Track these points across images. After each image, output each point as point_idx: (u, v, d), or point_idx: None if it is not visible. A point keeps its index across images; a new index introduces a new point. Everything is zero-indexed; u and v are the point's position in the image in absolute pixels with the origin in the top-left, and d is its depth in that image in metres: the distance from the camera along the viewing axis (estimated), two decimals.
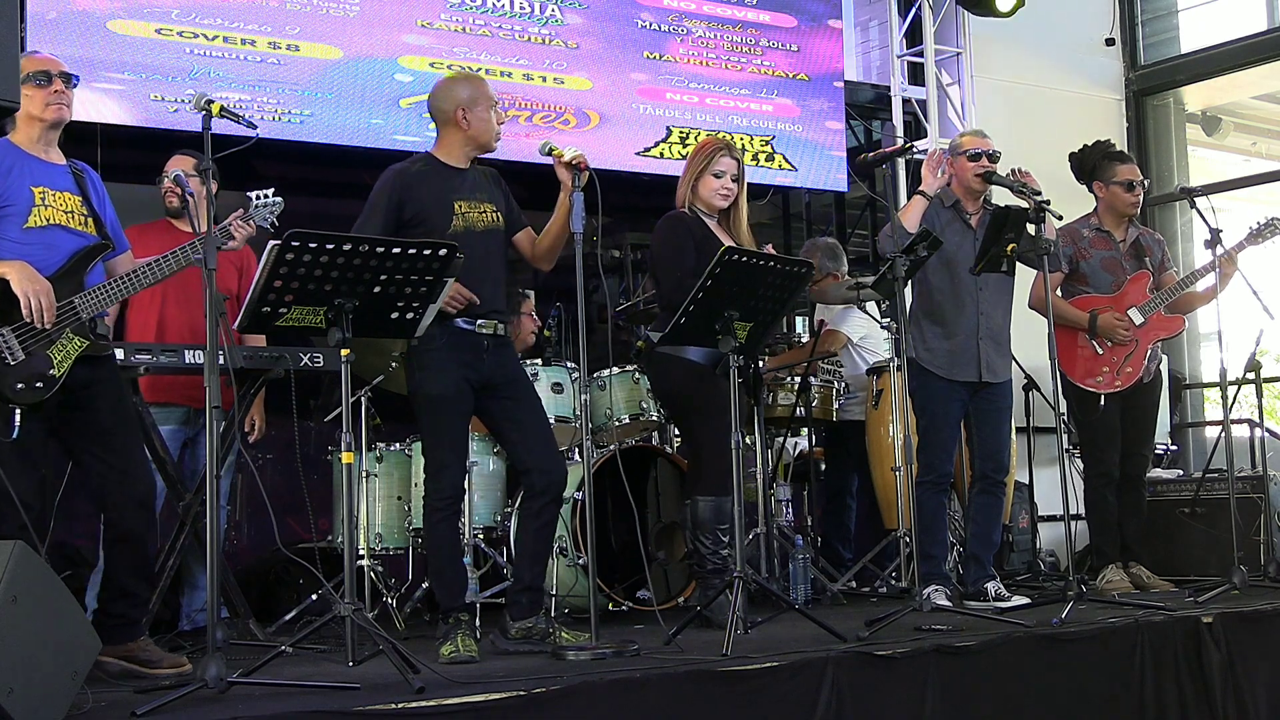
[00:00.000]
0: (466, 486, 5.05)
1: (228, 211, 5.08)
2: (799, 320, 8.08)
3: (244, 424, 5.05)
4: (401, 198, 4.06)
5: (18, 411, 3.60)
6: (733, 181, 4.86)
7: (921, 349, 5.12)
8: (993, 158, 5.17)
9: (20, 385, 3.60)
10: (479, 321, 4.08)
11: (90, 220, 3.84)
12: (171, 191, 4.93)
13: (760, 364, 5.44)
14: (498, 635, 4.11)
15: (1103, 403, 5.57)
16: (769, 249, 4.78)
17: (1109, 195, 5.73)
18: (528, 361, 5.24)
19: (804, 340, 6.44)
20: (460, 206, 4.11)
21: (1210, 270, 5.51)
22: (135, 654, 3.78)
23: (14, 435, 3.58)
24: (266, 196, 4.11)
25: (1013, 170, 4.96)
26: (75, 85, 3.88)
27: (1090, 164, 5.80)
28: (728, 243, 4.79)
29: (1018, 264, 5.08)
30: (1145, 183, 5.83)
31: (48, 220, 3.74)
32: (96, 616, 3.84)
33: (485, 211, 4.18)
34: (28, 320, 3.58)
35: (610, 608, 5.08)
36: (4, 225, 3.70)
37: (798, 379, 6.14)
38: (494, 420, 4.22)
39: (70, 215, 3.79)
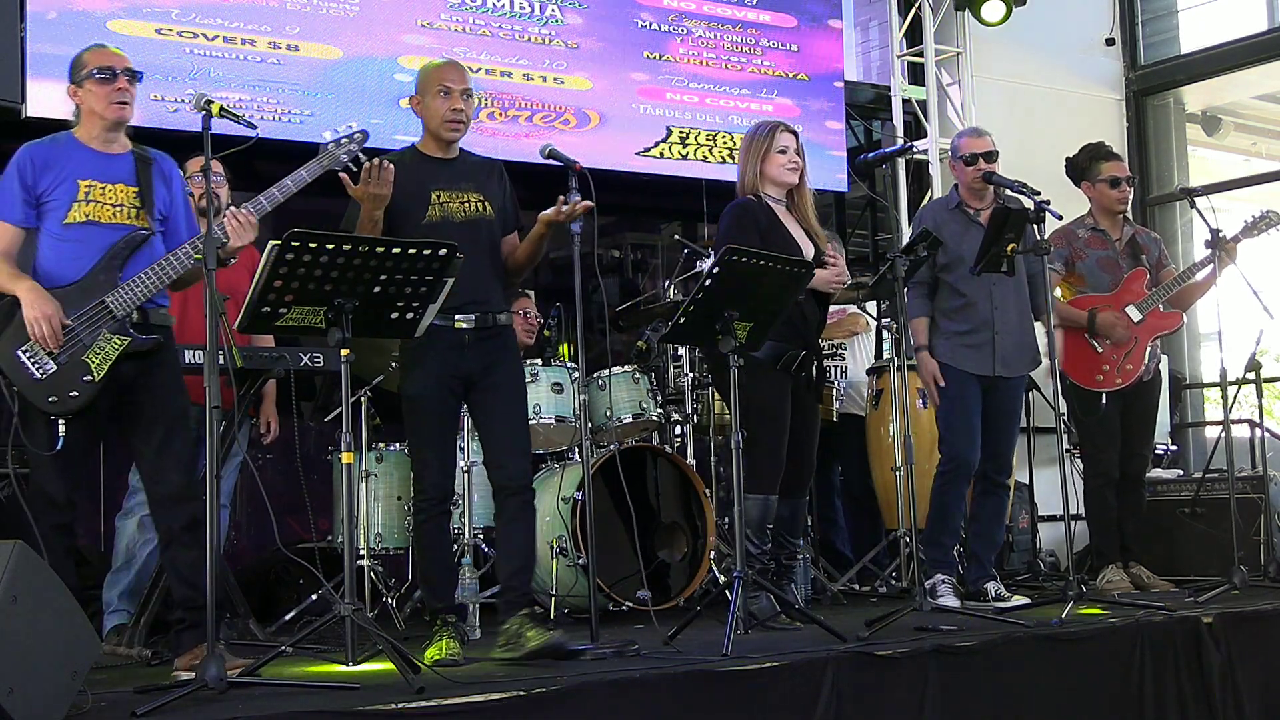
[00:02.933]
0: (465, 487, 5.07)
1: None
2: None
3: (261, 426, 5.06)
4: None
5: (60, 423, 3.59)
6: (797, 155, 4.80)
7: (936, 341, 5.12)
8: (989, 158, 5.17)
9: (53, 398, 3.59)
10: (456, 316, 3.96)
11: (142, 213, 3.77)
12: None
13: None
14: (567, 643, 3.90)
15: (1104, 401, 5.57)
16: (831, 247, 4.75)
17: (1097, 194, 5.74)
18: (528, 361, 5.23)
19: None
20: (439, 196, 4.02)
21: (1207, 265, 5.52)
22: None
23: (58, 447, 3.58)
24: (348, 129, 3.95)
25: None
26: (140, 81, 3.83)
27: (1080, 166, 5.81)
28: (795, 230, 4.76)
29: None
30: (1133, 179, 5.83)
31: (86, 216, 3.70)
32: (171, 629, 3.85)
33: (469, 201, 4.07)
34: (37, 343, 3.56)
35: (610, 608, 5.07)
36: (46, 220, 3.71)
37: None
38: (473, 414, 4.18)
39: (118, 209, 3.74)
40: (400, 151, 4.14)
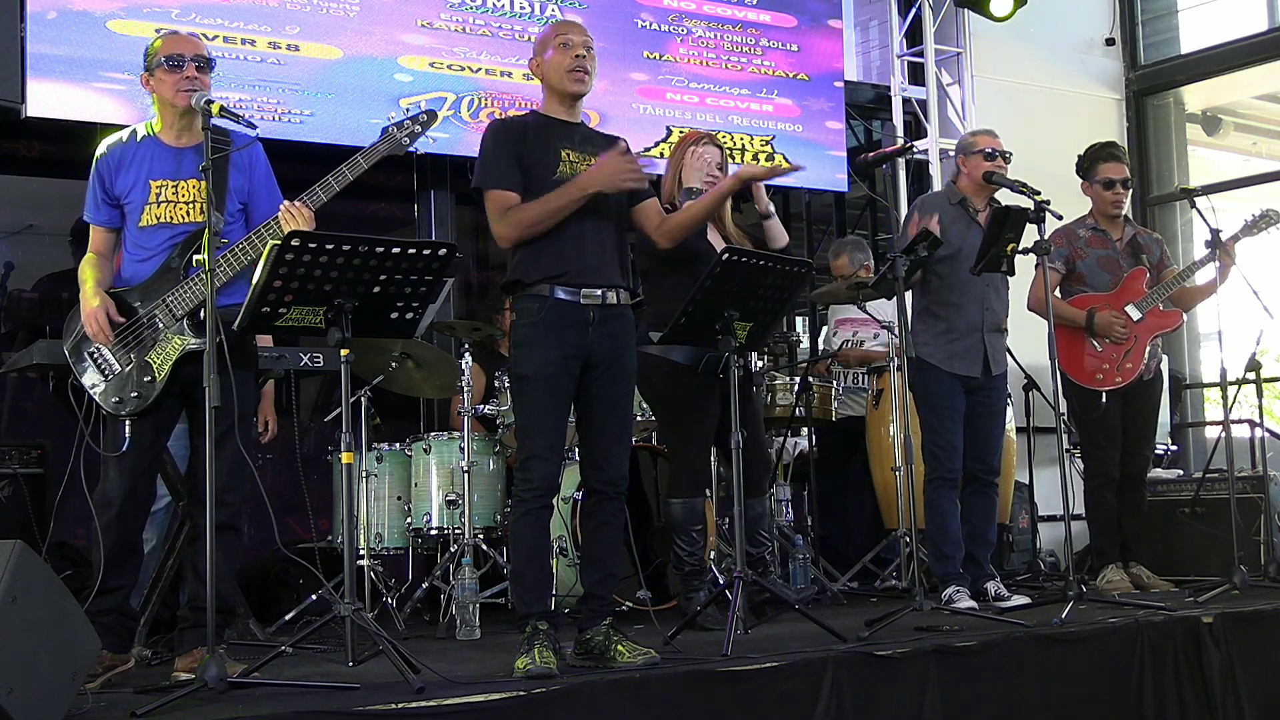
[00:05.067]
0: (465, 488, 5.07)
1: None
2: (799, 320, 8.10)
3: (259, 425, 5.04)
4: (517, 145, 3.75)
5: (127, 424, 3.62)
6: (718, 169, 4.88)
7: (925, 343, 5.12)
8: (1006, 158, 5.20)
9: (116, 399, 3.62)
10: (583, 291, 3.73)
11: (218, 204, 3.70)
12: None
13: (759, 364, 5.42)
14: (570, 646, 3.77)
15: (1104, 400, 5.56)
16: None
17: (1094, 194, 5.75)
18: None
19: (802, 341, 6.44)
20: (568, 155, 3.79)
21: (1207, 263, 5.52)
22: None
23: (124, 447, 3.61)
24: (416, 108, 3.95)
25: None
26: (213, 69, 3.81)
27: (1083, 166, 5.81)
28: (714, 239, 4.80)
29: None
30: (1129, 181, 5.81)
31: (158, 219, 3.72)
32: (179, 624, 3.81)
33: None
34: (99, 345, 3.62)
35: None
36: (127, 223, 3.75)
37: (797, 379, 6.15)
38: (584, 401, 3.81)
39: (191, 206, 3.71)
40: (522, 114, 3.98)
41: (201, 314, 3.59)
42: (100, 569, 3.67)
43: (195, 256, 3.69)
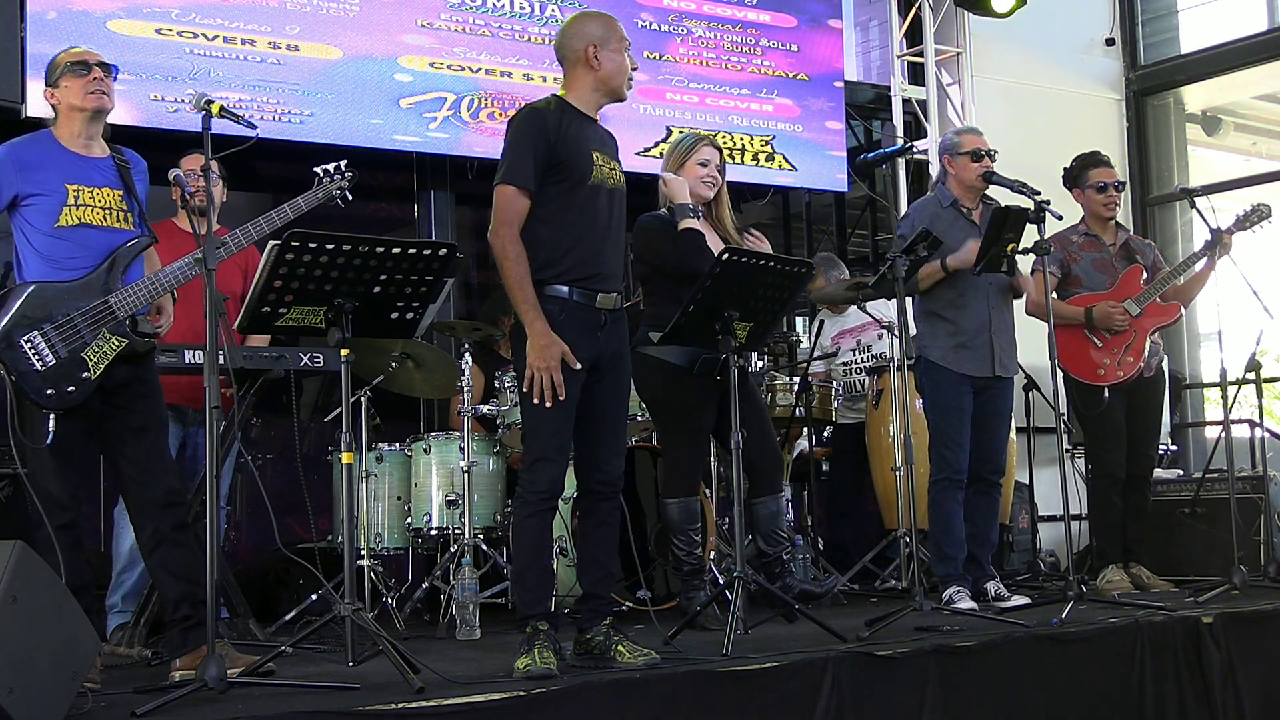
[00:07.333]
0: (465, 487, 5.07)
1: (233, 210, 5.08)
2: (799, 320, 8.10)
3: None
4: (551, 138, 3.63)
5: (52, 417, 3.55)
6: (716, 170, 4.83)
7: (932, 344, 5.12)
8: (992, 156, 5.19)
9: (50, 391, 3.55)
10: (599, 295, 3.69)
11: (129, 215, 3.79)
12: (174, 190, 4.91)
13: (759, 364, 5.42)
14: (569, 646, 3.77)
15: (1106, 395, 5.56)
16: (754, 242, 4.77)
17: (1086, 199, 5.75)
18: None
19: (802, 341, 6.44)
20: (597, 158, 3.73)
21: (1203, 256, 5.53)
22: None
23: (49, 441, 3.53)
24: (334, 174, 4.02)
25: None
26: (116, 76, 3.83)
27: (1073, 174, 5.82)
28: (711, 240, 4.78)
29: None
30: (1121, 185, 5.81)
31: (79, 219, 3.69)
32: (166, 630, 3.78)
33: (614, 169, 3.80)
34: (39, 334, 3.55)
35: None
36: (35, 220, 3.68)
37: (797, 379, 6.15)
38: (584, 401, 3.75)
39: (107, 212, 3.74)
40: (550, 100, 3.77)
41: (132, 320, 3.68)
42: (61, 570, 3.57)
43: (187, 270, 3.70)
